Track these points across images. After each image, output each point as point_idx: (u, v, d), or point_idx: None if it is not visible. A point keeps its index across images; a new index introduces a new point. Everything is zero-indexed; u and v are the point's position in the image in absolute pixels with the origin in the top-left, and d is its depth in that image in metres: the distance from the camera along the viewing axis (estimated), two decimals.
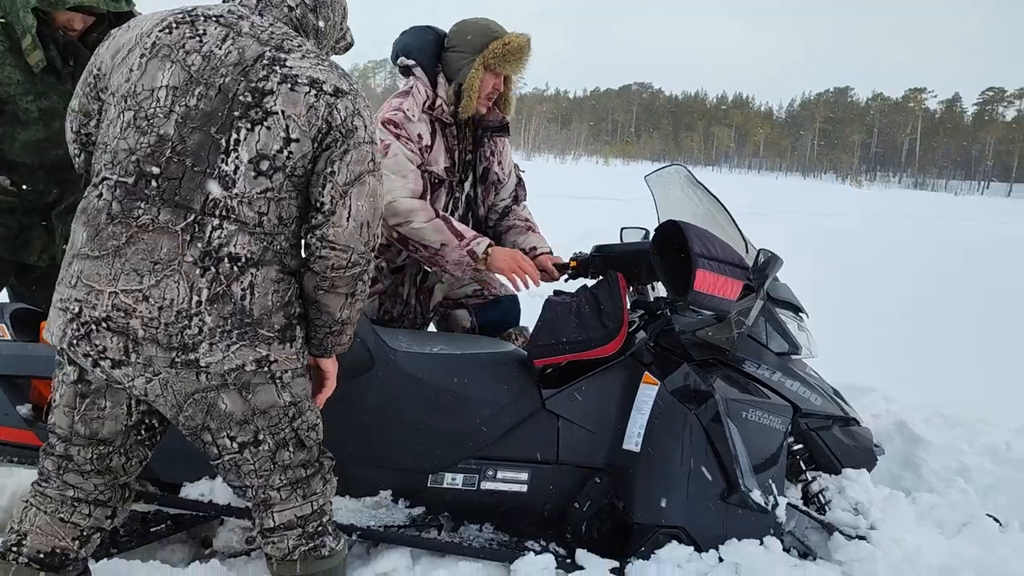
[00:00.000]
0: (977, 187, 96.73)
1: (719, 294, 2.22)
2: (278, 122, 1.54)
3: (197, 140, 1.52)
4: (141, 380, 1.56)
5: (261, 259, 1.56)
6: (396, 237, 2.52)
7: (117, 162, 1.55)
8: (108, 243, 1.52)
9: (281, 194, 1.56)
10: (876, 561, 2.32)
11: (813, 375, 2.76)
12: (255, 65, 1.56)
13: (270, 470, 1.68)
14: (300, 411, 1.69)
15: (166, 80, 1.54)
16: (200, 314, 1.51)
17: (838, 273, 8.27)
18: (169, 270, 1.50)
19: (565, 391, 2.39)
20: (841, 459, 2.67)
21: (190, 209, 1.51)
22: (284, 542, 1.73)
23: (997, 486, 3.08)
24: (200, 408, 1.60)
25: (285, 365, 1.62)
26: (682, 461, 2.33)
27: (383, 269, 2.75)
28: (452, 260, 2.52)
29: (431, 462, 2.31)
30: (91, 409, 1.62)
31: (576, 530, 2.39)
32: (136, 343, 1.51)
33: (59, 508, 1.66)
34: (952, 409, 3.57)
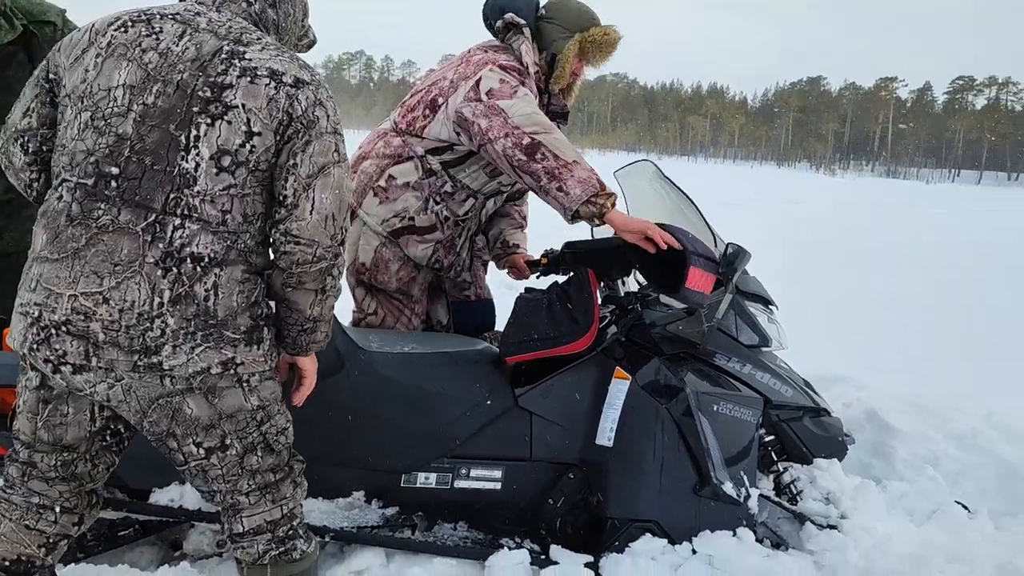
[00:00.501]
0: (948, 175, 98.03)
1: (703, 289, 2.27)
2: (239, 116, 1.51)
3: (156, 138, 1.49)
4: (103, 386, 1.53)
5: (225, 259, 1.52)
6: (526, 144, 2.31)
7: (76, 164, 1.52)
8: (67, 245, 1.49)
9: (245, 190, 1.53)
10: (847, 550, 2.34)
11: (783, 367, 2.78)
12: (213, 60, 1.53)
13: (238, 475, 1.65)
14: (269, 415, 1.66)
15: (123, 79, 1.52)
16: (162, 316, 1.47)
17: (809, 262, 8.34)
18: (130, 271, 1.47)
19: (537, 388, 2.39)
20: (812, 449, 2.70)
21: (150, 209, 1.48)
22: (254, 547, 1.70)
23: (965, 473, 3.13)
24: (165, 413, 1.56)
25: (252, 368, 1.58)
26: (654, 455, 2.34)
27: (448, 219, 2.64)
28: (579, 177, 2.31)
29: (404, 462, 2.30)
30: (53, 415, 1.59)
31: (551, 526, 2.39)
32: (97, 347, 1.47)
33: (24, 515, 1.62)
34: (921, 397, 3.61)
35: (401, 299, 2.72)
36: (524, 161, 2.32)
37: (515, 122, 2.34)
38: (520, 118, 2.34)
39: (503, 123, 2.35)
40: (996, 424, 3.37)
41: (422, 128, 2.56)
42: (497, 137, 2.34)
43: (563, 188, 2.30)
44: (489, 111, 2.37)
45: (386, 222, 2.59)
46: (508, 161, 2.35)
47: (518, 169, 2.35)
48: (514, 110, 2.36)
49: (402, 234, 2.60)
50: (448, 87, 2.52)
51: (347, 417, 2.21)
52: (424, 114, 2.56)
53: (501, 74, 2.46)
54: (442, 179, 2.57)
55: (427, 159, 2.56)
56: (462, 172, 2.59)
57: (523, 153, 2.31)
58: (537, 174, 2.32)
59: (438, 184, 2.57)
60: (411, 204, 2.57)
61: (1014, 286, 7.93)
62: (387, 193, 2.57)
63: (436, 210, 2.59)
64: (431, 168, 2.57)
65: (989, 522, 2.68)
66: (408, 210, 2.58)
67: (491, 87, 2.42)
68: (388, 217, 2.58)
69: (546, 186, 2.32)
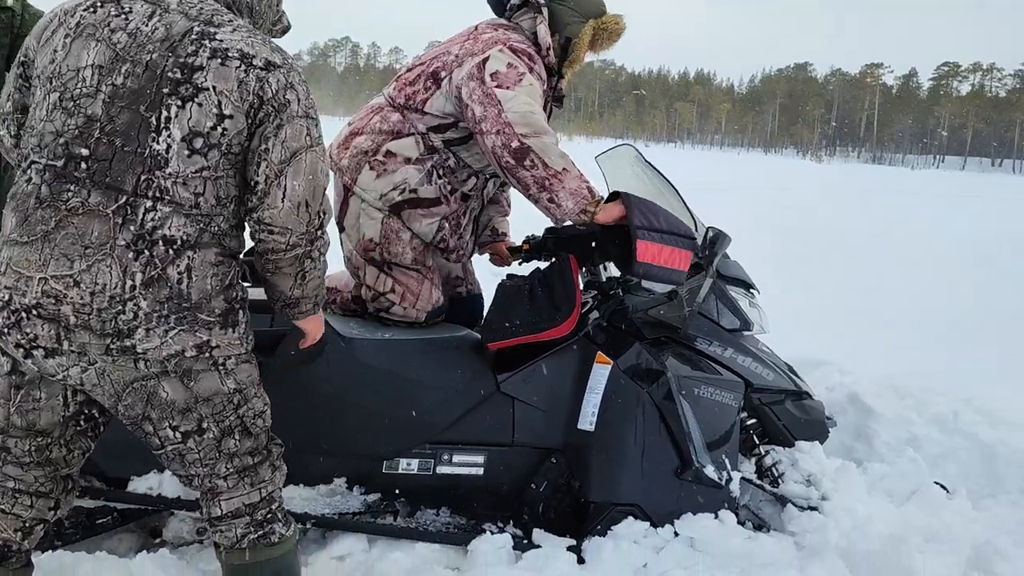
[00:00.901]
0: (933, 161, 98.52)
1: (666, 264, 2.23)
2: (209, 98, 1.49)
3: (126, 119, 1.48)
4: (76, 370, 1.51)
5: (198, 241, 1.51)
6: (515, 147, 2.24)
7: (44, 145, 1.50)
8: (37, 228, 1.47)
9: (218, 173, 1.52)
10: (828, 530, 2.36)
11: (765, 350, 2.79)
12: (183, 40, 1.51)
13: (215, 459, 1.64)
14: (246, 398, 1.65)
15: (91, 59, 1.50)
16: (135, 299, 1.47)
17: (793, 248, 8.36)
18: (101, 254, 1.45)
19: (519, 373, 2.39)
20: (794, 432, 2.71)
21: (121, 191, 1.46)
22: (232, 531, 1.70)
23: (945, 455, 3.16)
24: (140, 397, 1.55)
25: (228, 351, 1.58)
26: (636, 439, 2.35)
27: (454, 192, 2.49)
28: (569, 188, 2.26)
29: (385, 448, 2.30)
30: (26, 400, 1.57)
31: (533, 511, 2.40)
32: (68, 330, 1.46)
33: (1, 500, 1.61)
34: (902, 381, 3.63)
35: (419, 269, 2.53)
36: (512, 165, 2.26)
37: (508, 118, 2.24)
38: (514, 115, 2.24)
39: (496, 116, 2.25)
40: (977, 407, 3.40)
41: (423, 101, 2.43)
42: (488, 131, 2.26)
43: (555, 200, 2.28)
44: (486, 99, 2.27)
45: (385, 196, 2.43)
46: (496, 160, 2.28)
47: (506, 171, 2.28)
48: (511, 104, 2.25)
49: (403, 208, 2.44)
50: (452, 61, 2.41)
51: (328, 404, 2.20)
52: (426, 86, 2.43)
53: (510, 57, 2.35)
54: (445, 155, 2.45)
55: (429, 136, 2.43)
56: (465, 152, 2.46)
57: (511, 157, 2.25)
58: (526, 182, 2.26)
59: (441, 159, 2.45)
60: (412, 176, 2.42)
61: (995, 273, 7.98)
62: (385, 166, 2.42)
63: (439, 183, 2.45)
64: (433, 145, 2.44)
65: (968, 503, 2.71)
66: (408, 182, 2.42)
67: (496, 69, 2.32)
68: (387, 191, 2.42)
69: (535, 195, 2.28)
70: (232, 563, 1.73)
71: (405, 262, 2.49)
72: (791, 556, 2.29)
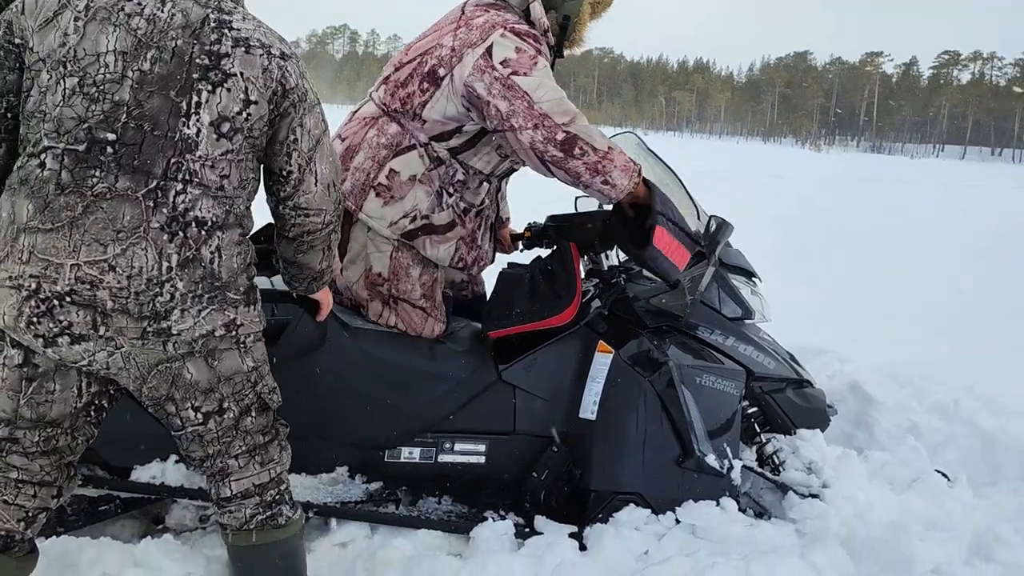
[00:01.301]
0: (932, 151, 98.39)
1: (671, 257, 2.22)
2: (237, 84, 1.54)
3: (156, 104, 1.49)
4: (103, 355, 1.51)
5: (225, 222, 1.56)
6: (561, 139, 2.14)
7: (64, 131, 1.48)
8: (61, 215, 1.46)
9: (240, 156, 1.57)
10: (828, 518, 2.37)
11: (767, 339, 2.79)
12: (203, 28, 1.54)
13: (232, 437, 1.68)
14: (261, 375, 1.70)
15: (112, 45, 1.49)
16: (171, 280, 1.50)
17: (793, 237, 8.36)
18: (135, 237, 1.47)
19: (521, 362, 2.39)
20: (795, 421, 2.72)
21: (151, 175, 1.48)
22: (241, 511, 1.72)
23: (946, 443, 3.16)
24: (164, 379, 1.58)
25: (249, 328, 1.63)
26: (637, 428, 2.35)
27: (467, 211, 2.36)
28: (620, 165, 2.18)
29: (387, 437, 2.30)
30: (39, 393, 1.55)
31: (535, 499, 2.40)
32: (105, 315, 1.47)
33: (3, 490, 1.60)
34: (903, 369, 3.64)
35: (426, 307, 2.39)
36: (560, 158, 2.15)
37: (543, 109, 2.12)
38: (548, 104, 2.13)
39: (527, 110, 2.12)
40: (978, 396, 3.41)
41: (421, 106, 2.24)
42: (523, 127, 2.13)
43: (609, 181, 2.19)
44: (508, 92, 2.13)
45: (395, 224, 2.27)
46: (538, 156, 2.17)
47: (551, 164, 2.17)
48: (539, 94, 2.13)
49: (416, 235, 2.29)
50: (449, 55, 2.22)
51: (330, 393, 2.20)
52: (422, 88, 2.24)
53: (516, 41, 2.19)
54: (452, 168, 2.29)
55: (432, 147, 2.27)
56: (473, 157, 2.32)
57: (558, 149, 2.14)
58: (576, 171, 2.16)
59: (449, 174, 2.29)
60: (421, 201, 2.26)
61: (996, 264, 7.98)
62: (391, 192, 2.25)
63: (451, 203, 2.31)
64: (438, 156, 2.27)
65: (968, 491, 2.71)
66: (419, 208, 2.26)
67: (506, 56, 2.16)
68: (397, 219, 2.26)
69: (588, 181, 2.19)
70: (238, 545, 1.75)
71: (413, 298, 2.37)
72: (792, 543, 2.30)
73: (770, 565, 2.03)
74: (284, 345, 2.08)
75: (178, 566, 1.84)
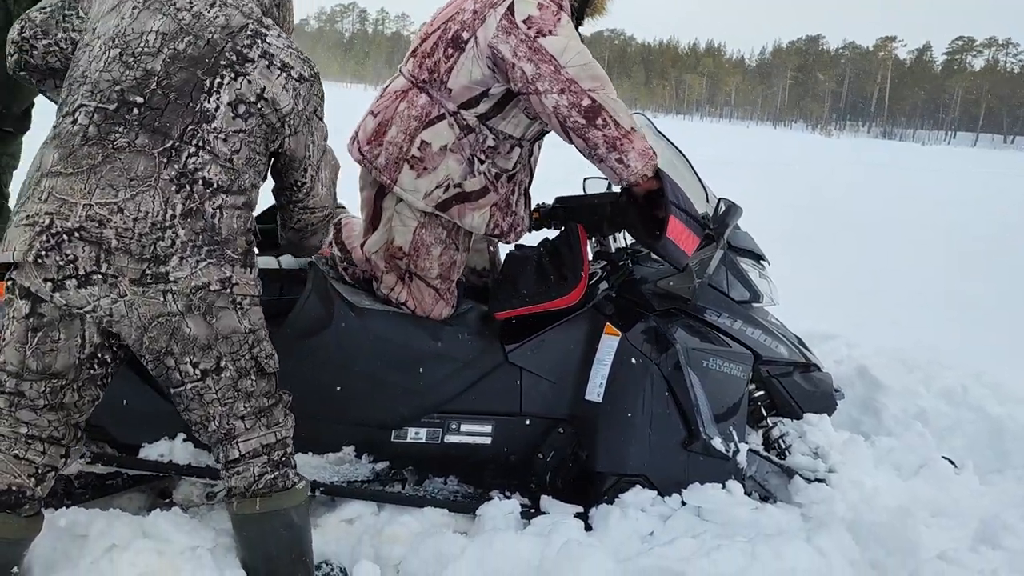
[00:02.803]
0: (944, 137, 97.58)
1: (681, 245, 2.19)
2: (255, 82, 1.72)
3: (183, 78, 1.66)
4: (107, 300, 1.60)
5: (229, 188, 1.68)
6: (586, 106, 2.10)
7: (99, 91, 1.64)
8: (83, 162, 1.59)
9: (251, 138, 1.71)
10: (834, 502, 2.37)
11: (775, 322, 2.78)
12: (240, 33, 1.73)
13: (233, 398, 1.74)
14: (259, 339, 1.77)
15: (156, 27, 1.69)
16: (174, 227, 1.60)
17: (801, 222, 8.32)
18: (145, 185, 1.59)
19: (527, 344, 2.38)
20: (802, 405, 2.71)
21: (168, 136, 1.62)
22: (249, 470, 1.77)
23: (953, 429, 3.16)
24: (164, 331, 1.65)
25: (245, 290, 1.72)
26: (643, 410, 2.35)
27: (499, 176, 2.33)
28: (639, 148, 2.15)
29: (394, 417, 2.30)
30: (44, 342, 1.62)
31: (540, 480, 2.40)
32: (109, 252, 1.57)
33: (13, 445, 1.66)
34: (911, 354, 3.63)
35: (440, 287, 2.38)
36: (582, 126, 2.11)
37: (570, 75, 2.08)
38: (575, 69, 2.09)
39: (554, 74, 2.08)
40: (985, 382, 3.41)
41: (447, 72, 2.22)
42: (548, 91, 2.09)
43: (623, 160, 2.15)
44: (534, 54, 2.09)
45: (429, 196, 2.26)
46: (560, 121, 2.13)
47: (572, 131, 2.14)
48: (566, 58, 2.09)
49: (451, 205, 2.27)
50: (472, 19, 2.19)
51: (338, 373, 2.20)
52: (447, 55, 2.22)
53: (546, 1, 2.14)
54: (482, 134, 2.26)
55: (461, 115, 2.24)
56: (502, 121, 2.28)
57: (581, 116, 2.10)
58: (594, 141, 2.13)
59: (479, 140, 2.26)
60: (454, 170, 2.25)
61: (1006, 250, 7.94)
62: (424, 163, 2.24)
63: (483, 170, 2.28)
64: (467, 124, 2.25)
65: (975, 477, 2.71)
66: (452, 177, 2.25)
67: (528, 14, 2.11)
68: (431, 190, 2.25)
69: (603, 155, 2.15)
70: (243, 514, 1.78)
71: (430, 276, 2.36)
72: (798, 527, 2.29)
73: (776, 548, 2.03)
74: (291, 325, 2.08)
75: (187, 538, 1.85)
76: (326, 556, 2.07)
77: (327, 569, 2.02)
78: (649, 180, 2.20)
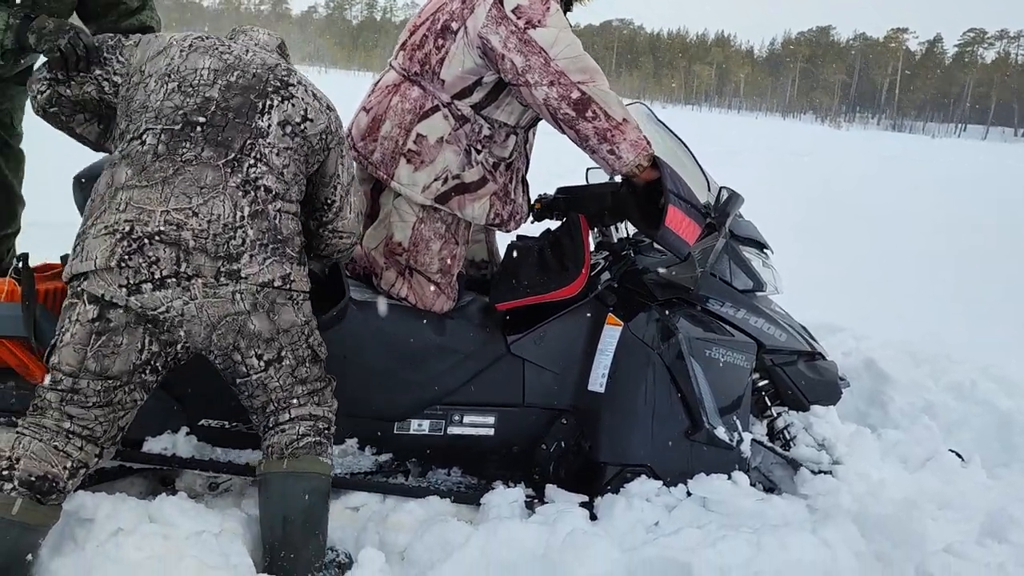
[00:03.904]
0: (954, 130, 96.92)
1: (682, 234, 2.18)
2: (299, 104, 1.94)
3: (239, 101, 1.88)
4: (179, 302, 1.73)
5: (285, 196, 1.88)
6: (576, 98, 2.11)
7: (163, 116, 1.83)
8: (156, 175, 1.76)
9: (297, 155, 1.91)
10: (840, 494, 2.35)
11: (779, 311, 2.75)
12: (277, 68, 1.97)
13: (293, 383, 1.90)
14: (312, 329, 1.95)
15: (207, 64, 1.91)
16: (243, 227, 1.77)
17: (810, 214, 8.29)
18: (215, 192, 1.77)
19: (530, 335, 2.38)
20: (807, 393, 2.68)
21: (230, 148, 1.82)
22: (295, 428, 1.90)
23: (961, 423, 3.14)
24: (232, 328, 1.80)
25: (300, 286, 1.87)
26: (646, 401, 2.34)
27: (497, 165, 2.32)
28: (631, 139, 2.15)
29: (397, 410, 2.30)
30: (106, 346, 1.73)
31: (544, 470, 2.40)
32: (187, 252, 1.72)
33: (54, 437, 1.73)
34: (920, 347, 3.61)
35: (440, 282, 2.37)
36: (572, 117, 2.12)
37: (559, 67, 2.09)
38: (565, 62, 2.09)
39: (544, 66, 2.09)
40: (993, 376, 3.39)
41: (439, 64, 2.23)
42: (538, 83, 2.10)
43: (615, 152, 2.16)
44: (524, 46, 2.10)
45: (427, 189, 2.26)
46: (551, 112, 2.14)
47: (562, 122, 2.15)
48: (556, 50, 2.10)
49: (450, 197, 2.27)
50: (461, 8, 2.20)
51: (340, 366, 2.18)
52: (437, 46, 2.23)
53: None
54: (477, 124, 2.27)
55: (455, 106, 2.25)
56: (496, 110, 2.28)
57: (571, 108, 2.11)
58: (585, 133, 2.14)
59: (475, 130, 2.27)
60: (451, 161, 2.25)
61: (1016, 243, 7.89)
62: (421, 156, 2.24)
63: (480, 159, 2.28)
64: (462, 114, 2.25)
65: (982, 471, 2.69)
66: (450, 168, 2.25)
67: (518, 3, 2.12)
68: (429, 182, 2.25)
69: (595, 146, 2.17)
70: (270, 471, 1.87)
71: (430, 271, 2.35)
72: (803, 518, 2.28)
73: (781, 539, 2.02)
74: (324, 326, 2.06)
75: (192, 523, 1.86)
76: (331, 542, 2.07)
77: (332, 555, 2.03)
78: (648, 170, 2.19)
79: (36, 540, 1.71)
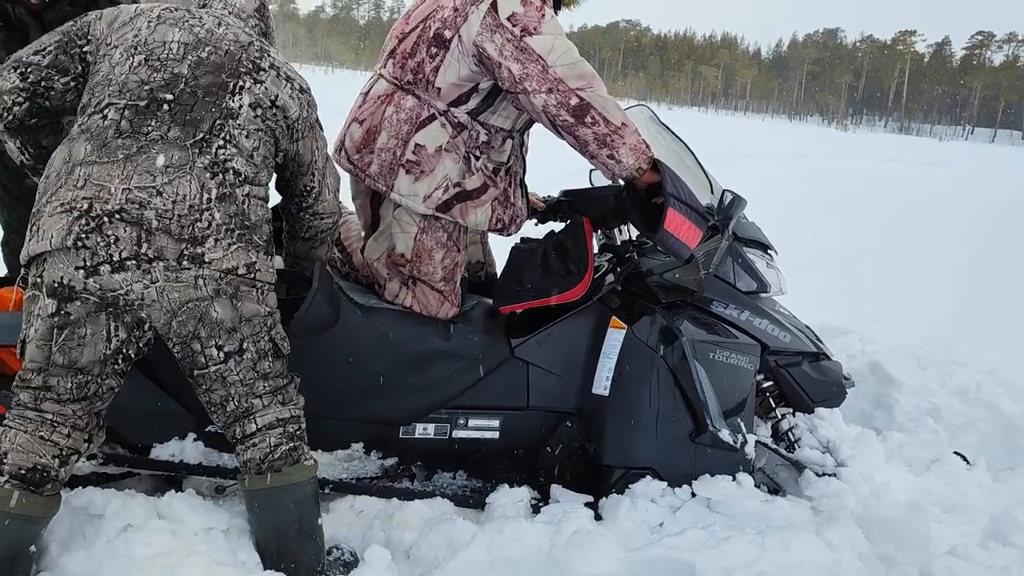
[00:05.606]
0: (961, 133, 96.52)
1: (682, 238, 2.17)
2: (269, 88, 1.86)
3: (209, 80, 1.79)
4: (139, 285, 1.66)
5: (254, 180, 1.80)
6: (574, 105, 2.10)
7: (127, 90, 1.73)
8: (117, 152, 1.67)
9: (267, 137, 1.84)
10: (845, 496, 2.36)
11: (783, 312, 2.74)
12: (250, 47, 1.88)
13: (253, 378, 1.82)
14: (275, 321, 1.87)
15: (176, 37, 1.82)
16: (210, 210, 1.69)
17: (815, 216, 8.27)
18: (181, 172, 1.68)
19: (534, 338, 2.38)
20: (811, 394, 2.68)
21: (199, 128, 1.73)
22: (266, 441, 1.83)
23: (966, 426, 3.13)
24: (193, 315, 1.72)
25: (265, 276, 1.80)
26: (650, 403, 2.34)
27: (496, 171, 2.32)
28: (630, 143, 2.14)
29: (402, 414, 2.31)
30: (70, 339, 1.67)
31: (549, 473, 2.41)
32: (149, 233, 1.64)
33: (39, 427, 1.71)
34: (925, 350, 3.60)
35: (444, 289, 2.38)
36: (571, 124, 2.11)
37: (557, 74, 2.08)
38: (563, 69, 2.08)
39: (541, 74, 2.08)
40: (999, 379, 3.38)
41: (433, 72, 2.20)
42: (536, 90, 2.09)
43: (615, 156, 2.15)
44: (522, 55, 2.08)
45: (429, 198, 2.24)
46: (550, 119, 2.13)
47: (561, 129, 2.14)
48: (553, 57, 2.08)
49: (452, 205, 2.26)
50: (453, 16, 2.17)
51: (345, 370, 2.21)
52: (431, 55, 2.20)
53: None
54: (474, 130, 2.25)
55: (451, 113, 2.23)
56: (492, 115, 2.27)
57: (570, 115, 2.10)
58: (584, 139, 2.13)
59: (473, 137, 2.25)
60: (451, 169, 2.23)
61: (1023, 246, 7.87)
62: (420, 166, 2.22)
63: (479, 166, 2.27)
64: (459, 121, 2.23)
65: (987, 474, 2.69)
66: (450, 176, 2.23)
67: (512, 11, 2.10)
68: (430, 192, 2.23)
69: (594, 151, 2.15)
70: (254, 489, 1.83)
71: (434, 280, 2.35)
72: (807, 520, 2.28)
73: (785, 540, 2.03)
74: (298, 324, 2.07)
75: (201, 520, 1.88)
76: (337, 541, 2.09)
77: (338, 553, 2.04)
78: (648, 173, 2.19)
79: (37, 531, 1.72)
